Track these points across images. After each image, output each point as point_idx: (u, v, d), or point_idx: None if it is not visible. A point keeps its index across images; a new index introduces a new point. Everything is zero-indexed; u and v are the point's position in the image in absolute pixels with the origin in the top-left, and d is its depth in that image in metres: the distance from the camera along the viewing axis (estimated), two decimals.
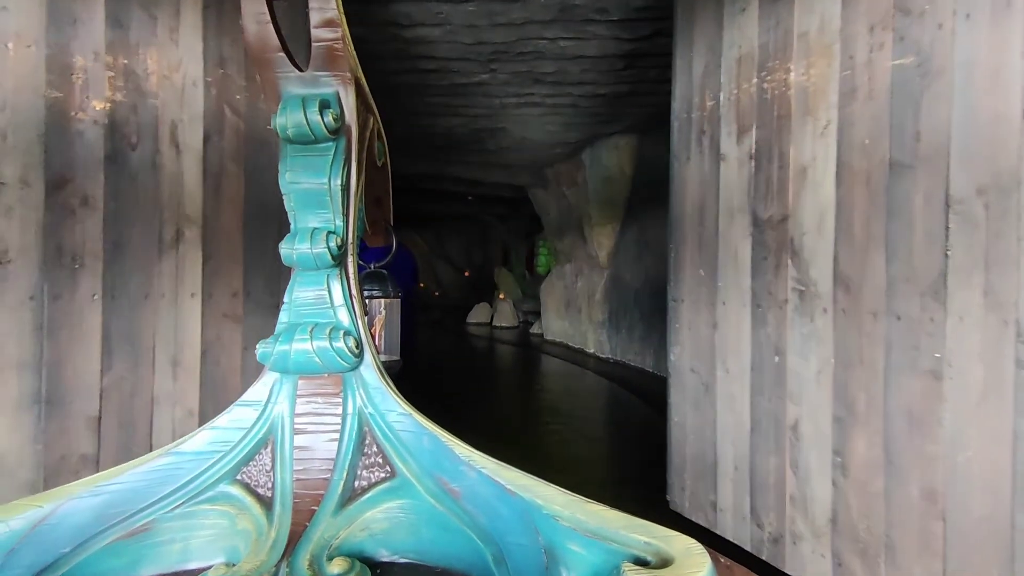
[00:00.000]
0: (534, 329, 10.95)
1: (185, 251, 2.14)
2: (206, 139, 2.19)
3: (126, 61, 2.00)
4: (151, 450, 1.47)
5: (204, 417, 2.15)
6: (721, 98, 2.40)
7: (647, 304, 6.94)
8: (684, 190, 2.64)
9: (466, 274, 20.55)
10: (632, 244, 7.41)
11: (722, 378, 2.38)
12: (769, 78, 2.15)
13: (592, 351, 8.38)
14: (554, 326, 9.80)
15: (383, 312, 2.17)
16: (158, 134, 2.08)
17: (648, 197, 6.97)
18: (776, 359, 2.10)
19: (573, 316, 9.01)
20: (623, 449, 4.22)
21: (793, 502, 2.02)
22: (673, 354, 2.72)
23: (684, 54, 2.65)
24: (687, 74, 2.62)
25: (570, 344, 9.18)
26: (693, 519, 2.53)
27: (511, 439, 4.26)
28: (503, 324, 12.44)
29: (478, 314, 13.26)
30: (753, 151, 2.23)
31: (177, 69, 2.12)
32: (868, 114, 1.76)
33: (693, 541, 0.83)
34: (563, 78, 4.98)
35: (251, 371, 2.29)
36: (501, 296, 13.89)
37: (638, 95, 5.38)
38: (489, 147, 7.54)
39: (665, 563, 0.79)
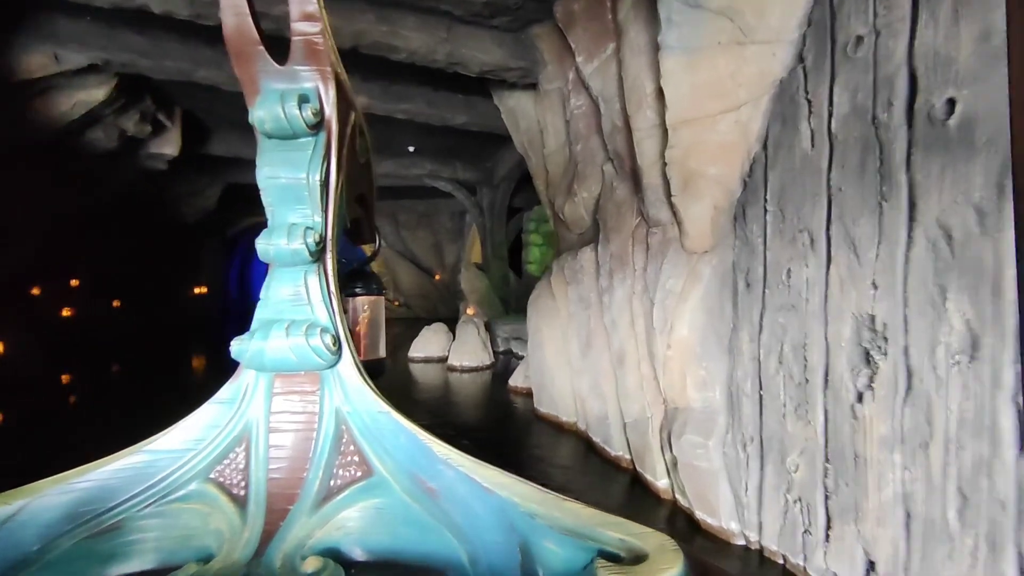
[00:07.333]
0: (516, 379, 5.72)
1: None
2: None
3: None
4: None
5: None
6: None
7: (921, 364, 1.70)
8: None
9: (436, 278, 15.63)
10: (813, 172, 2.14)
11: None
12: None
13: (663, 486, 3.09)
14: (557, 388, 4.48)
15: (367, 310, 2.09)
16: None
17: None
18: None
19: (603, 372, 3.71)
20: None
21: None
22: None
23: None
24: None
25: (599, 444, 3.87)
26: None
27: None
28: (465, 363, 7.08)
29: (428, 343, 7.90)
30: None
31: None
32: None
33: (667, 538, 0.91)
34: None
35: None
36: (469, 311, 8.61)
37: None
38: None
39: (639, 559, 0.87)
